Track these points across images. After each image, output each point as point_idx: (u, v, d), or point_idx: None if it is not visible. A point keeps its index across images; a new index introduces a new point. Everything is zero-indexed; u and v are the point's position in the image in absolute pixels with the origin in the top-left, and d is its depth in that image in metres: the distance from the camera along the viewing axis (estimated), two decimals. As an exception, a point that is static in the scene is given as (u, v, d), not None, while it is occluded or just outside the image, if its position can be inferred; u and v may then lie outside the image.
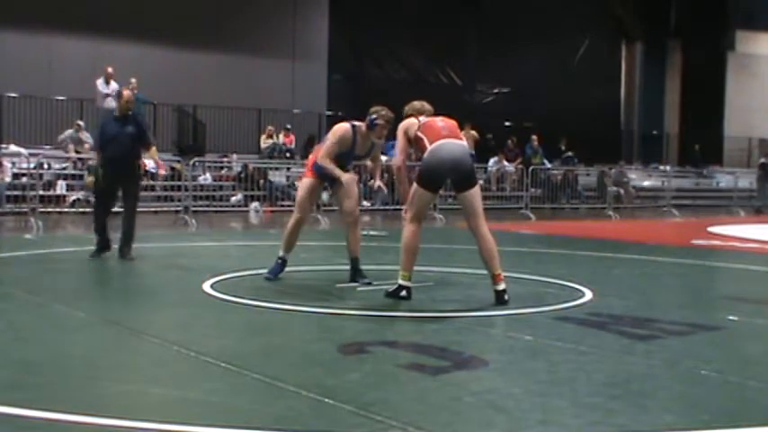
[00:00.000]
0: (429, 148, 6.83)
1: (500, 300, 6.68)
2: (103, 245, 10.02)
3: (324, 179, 8.06)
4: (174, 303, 7.00)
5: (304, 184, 8.20)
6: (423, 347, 5.29)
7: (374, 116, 7.80)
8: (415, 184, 6.96)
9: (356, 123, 7.95)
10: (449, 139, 6.86)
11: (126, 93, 10.40)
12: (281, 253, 8.16)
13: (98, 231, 10.04)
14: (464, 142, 7.07)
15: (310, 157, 8.34)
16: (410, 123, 7.11)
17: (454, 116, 7.37)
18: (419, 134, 6.96)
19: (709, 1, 34.49)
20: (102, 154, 10.10)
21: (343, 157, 7.93)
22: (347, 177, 7.84)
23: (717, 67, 34.78)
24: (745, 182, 27.94)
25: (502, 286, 6.72)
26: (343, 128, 7.94)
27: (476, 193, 6.86)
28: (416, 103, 7.35)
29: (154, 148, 10.66)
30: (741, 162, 33.12)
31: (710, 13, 34.28)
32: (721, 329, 6.09)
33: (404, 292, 6.78)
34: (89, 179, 10.43)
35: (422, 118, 7.12)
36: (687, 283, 9.38)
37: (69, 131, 19.99)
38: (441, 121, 7.07)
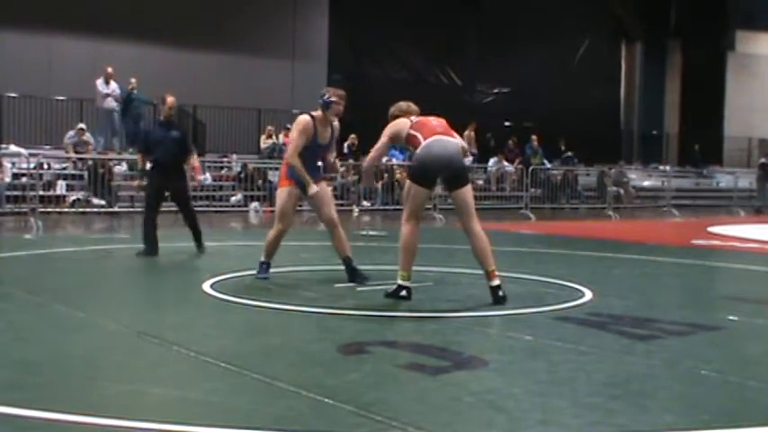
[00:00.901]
0: (423, 143, 6.83)
1: (496, 295, 6.69)
2: (153, 250, 10.26)
3: (300, 185, 7.90)
4: (173, 303, 7.00)
5: (283, 193, 8.02)
6: (422, 347, 5.29)
7: (326, 95, 7.96)
8: (408, 182, 6.97)
9: (312, 113, 7.99)
10: (443, 136, 6.86)
11: (170, 99, 10.68)
12: (263, 258, 8.13)
13: (147, 233, 10.32)
14: (457, 140, 7.03)
15: (282, 165, 8.23)
16: (402, 124, 7.09)
17: (454, 116, 7.38)
18: (412, 132, 6.95)
19: (709, 1, 34.50)
20: (149, 157, 10.47)
21: (309, 151, 7.86)
22: (315, 189, 7.78)
23: (717, 67, 34.78)
24: (744, 182, 27.95)
25: (496, 282, 6.73)
26: (302, 119, 7.93)
27: (468, 191, 6.86)
28: (403, 104, 7.35)
29: (195, 155, 11.06)
30: (741, 162, 33.13)
31: (710, 13, 34.29)
32: (721, 329, 6.09)
33: (403, 292, 6.77)
34: (137, 182, 10.70)
35: (412, 117, 7.12)
36: (687, 284, 9.38)
37: (72, 133, 19.98)
38: (434, 120, 7.08)
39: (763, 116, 34.33)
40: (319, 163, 8.27)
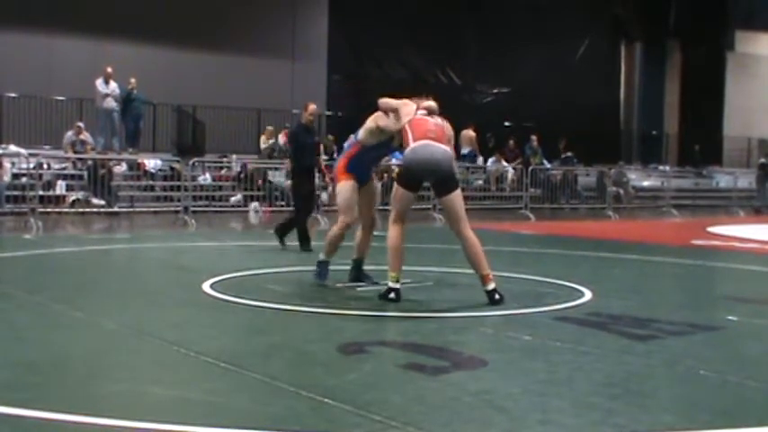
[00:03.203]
0: (411, 145, 6.82)
1: (492, 300, 6.67)
2: (309, 246, 10.77)
3: (359, 178, 7.71)
4: (173, 303, 7.00)
5: (344, 186, 7.72)
6: (422, 347, 5.30)
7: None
8: (395, 184, 6.99)
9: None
10: (432, 141, 6.83)
11: (311, 106, 11.20)
12: (322, 256, 7.91)
13: (302, 233, 10.90)
14: (447, 147, 6.94)
15: (340, 159, 7.93)
16: (409, 108, 7.06)
17: (454, 116, 7.36)
18: (407, 127, 6.94)
19: (708, 1, 34.48)
20: (298, 162, 11.03)
21: (376, 150, 7.65)
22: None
23: (716, 67, 34.76)
24: (744, 182, 27.94)
25: (491, 286, 6.71)
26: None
27: (456, 197, 6.84)
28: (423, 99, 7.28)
29: (320, 158, 11.90)
30: (741, 162, 33.12)
31: (710, 13, 34.27)
32: (720, 330, 6.09)
33: (392, 294, 6.74)
34: (289, 182, 11.11)
35: (420, 112, 7.06)
36: (686, 284, 9.39)
37: (70, 133, 19.97)
38: (432, 123, 6.99)
39: (763, 116, 34.31)
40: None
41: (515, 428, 3.73)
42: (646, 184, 29.42)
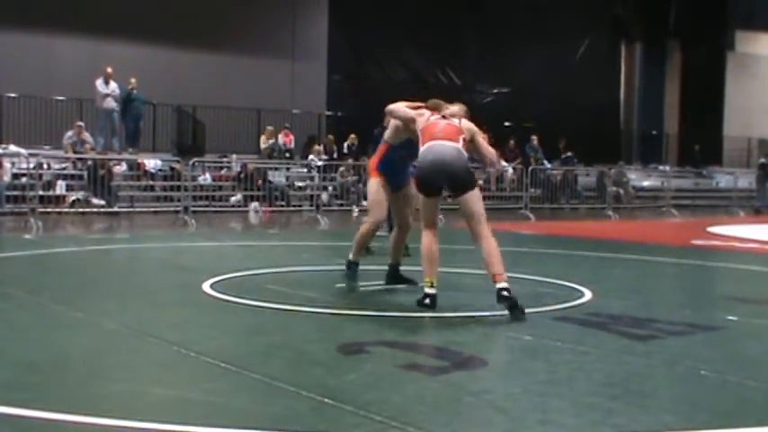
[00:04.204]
0: (421, 150, 6.73)
1: (499, 297, 6.28)
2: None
3: (390, 180, 7.51)
4: (173, 303, 7.00)
5: (373, 184, 7.62)
6: (422, 347, 5.30)
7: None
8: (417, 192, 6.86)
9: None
10: (440, 141, 6.64)
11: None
12: (351, 257, 7.79)
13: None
14: (457, 145, 6.67)
15: (373, 158, 7.81)
16: (423, 118, 6.90)
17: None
18: (419, 132, 6.86)
19: (708, 1, 34.48)
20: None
21: (413, 148, 7.17)
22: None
23: (716, 67, 34.76)
24: (744, 182, 27.95)
25: (501, 284, 6.31)
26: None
27: (471, 197, 6.57)
28: (439, 101, 7.18)
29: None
30: (741, 162, 33.12)
31: (710, 12, 34.27)
32: (720, 330, 6.09)
33: (426, 300, 6.58)
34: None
35: (433, 117, 6.89)
36: (686, 284, 9.39)
37: (70, 133, 19.98)
38: (444, 124, 6.81)
39: (763, 116, 34.31)
40: None
41: (515, 428, 3.73)
42: (646, 184, 29.44)
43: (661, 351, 5.28)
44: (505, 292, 6.29)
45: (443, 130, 6.75)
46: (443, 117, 6.94)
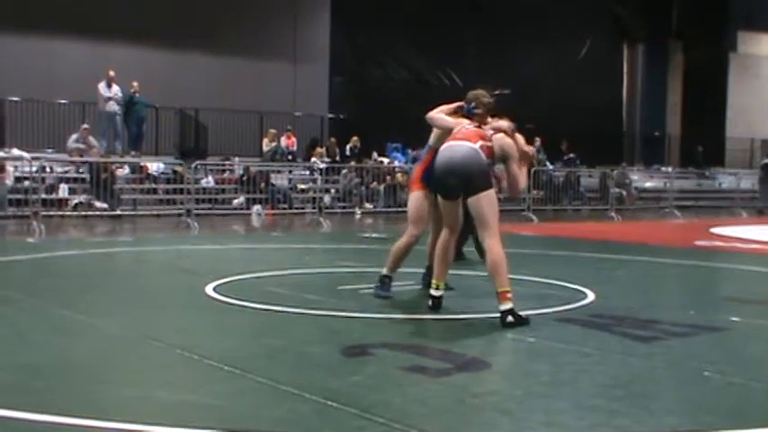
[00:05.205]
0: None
1: (503, 322, 5.97)
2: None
3: (434, 190, 6.98)
4: (176, 306, 7.00)
5: (416, 197, 7.27)
6: (425, 350, 5.30)
7: (473, 104, 6.92)
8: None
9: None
10: (455, 141, 6.49)
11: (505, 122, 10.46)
12: (386, 271, 7.34)
13: (477, 243, 9.34)
14: (472, 145, 6.41)
15: (416, 167, 7.51)
16: (458, 121, 6.74)
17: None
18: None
19: (710, 2, 34.48)
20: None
21: None
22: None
23: (718, 68, 34.75)
24: (747, 183, 27.94)
25: (504, 306, 6.01)
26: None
27: (480, 200, 6.29)
28: (485, 99, 6.96)
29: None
30: (743, 163, 33.09)
31: (712, 13, 34.26)
32: (724, 331, 6.09)
33: (430, 302, 6.57)
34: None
35: (468, 126, 6.64)
36: (689, 285, 9.38)
37: (75, 136, 19.99)
38: (466, 128, 6.61)
39: (766, 117, 34.29)
40: None
41: (518, 430, 3.73)
42: (648, 185, 29.41)
43: (664, 352, 5.28)
44: (510, 318, 5.99)
45: (464, 133, 6.54)
46: (479, 126, 6.70)
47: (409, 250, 7.25)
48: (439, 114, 7.01)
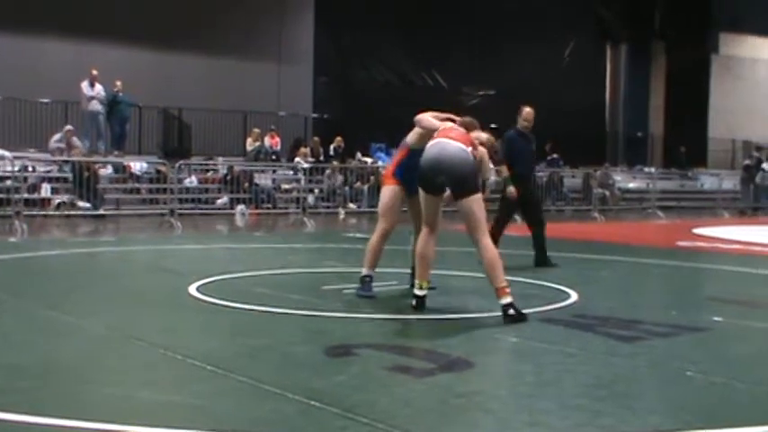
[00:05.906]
0: (427, 145, 6.63)
1: (506, 316, 6.11)
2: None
3: (406, 187, 7.18)
4: (160, 306, 6.98)
5: (387, 191, 7.40)
6: (409, 350, 5.30)
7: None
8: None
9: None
10: (445, 139, 6.51)
11: (527, 109, 10.35)
12: (365, 271, 7.37)
13: (496, 239, 8.83)
14: (461, 144, 6.48)
15: (389, 165, 7.57)
16: (445, 124, 6.82)
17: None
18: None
19: (693, 3, 34.66)
20: (513, 170, 10.05)
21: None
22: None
23: (701, 70, 34.95)
24: (729, 183, 28.10)
25: (504, 300, 6.16)
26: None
27: (470, 201, 6.34)
28: (475, 122, 7.24)
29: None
30: (725, 164, 33.31)
31: (695, 15, 34.46)
32: (706, 331, 6.12)
33: (413, 302, 6.59)
34: (511, 189, 9.99)
35: (455, 126, 6.81)
36: (672, 285, 9.43)
37: (58, 136, 19.88)
38: (457, 130, 6.70)
39: (747, 118, 34.53)
40: None
41: (502, 430, 3.74)
42: (631, 185, 29.54)
43: (647, 352, 5.30)
44: (511, 311, 6.12)
45: (456, 134, 6.61)
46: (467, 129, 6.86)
47: (382, 245, 7.32)
48: (426, 115, 7.06)
